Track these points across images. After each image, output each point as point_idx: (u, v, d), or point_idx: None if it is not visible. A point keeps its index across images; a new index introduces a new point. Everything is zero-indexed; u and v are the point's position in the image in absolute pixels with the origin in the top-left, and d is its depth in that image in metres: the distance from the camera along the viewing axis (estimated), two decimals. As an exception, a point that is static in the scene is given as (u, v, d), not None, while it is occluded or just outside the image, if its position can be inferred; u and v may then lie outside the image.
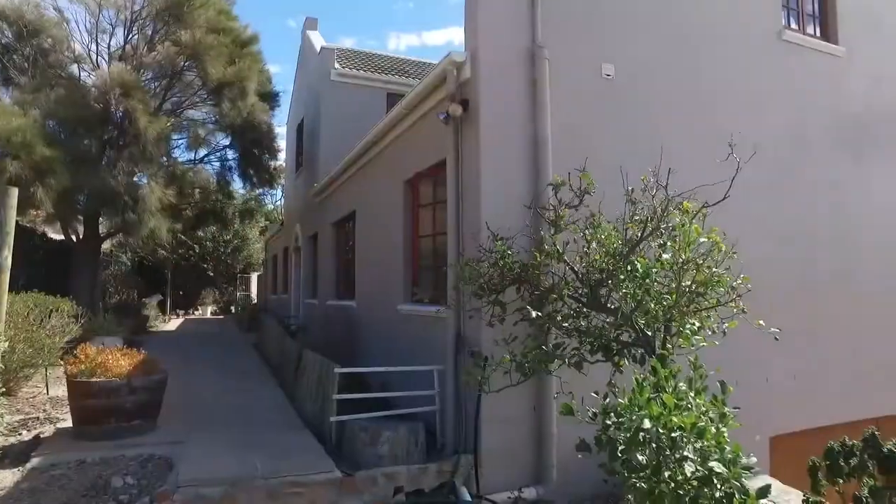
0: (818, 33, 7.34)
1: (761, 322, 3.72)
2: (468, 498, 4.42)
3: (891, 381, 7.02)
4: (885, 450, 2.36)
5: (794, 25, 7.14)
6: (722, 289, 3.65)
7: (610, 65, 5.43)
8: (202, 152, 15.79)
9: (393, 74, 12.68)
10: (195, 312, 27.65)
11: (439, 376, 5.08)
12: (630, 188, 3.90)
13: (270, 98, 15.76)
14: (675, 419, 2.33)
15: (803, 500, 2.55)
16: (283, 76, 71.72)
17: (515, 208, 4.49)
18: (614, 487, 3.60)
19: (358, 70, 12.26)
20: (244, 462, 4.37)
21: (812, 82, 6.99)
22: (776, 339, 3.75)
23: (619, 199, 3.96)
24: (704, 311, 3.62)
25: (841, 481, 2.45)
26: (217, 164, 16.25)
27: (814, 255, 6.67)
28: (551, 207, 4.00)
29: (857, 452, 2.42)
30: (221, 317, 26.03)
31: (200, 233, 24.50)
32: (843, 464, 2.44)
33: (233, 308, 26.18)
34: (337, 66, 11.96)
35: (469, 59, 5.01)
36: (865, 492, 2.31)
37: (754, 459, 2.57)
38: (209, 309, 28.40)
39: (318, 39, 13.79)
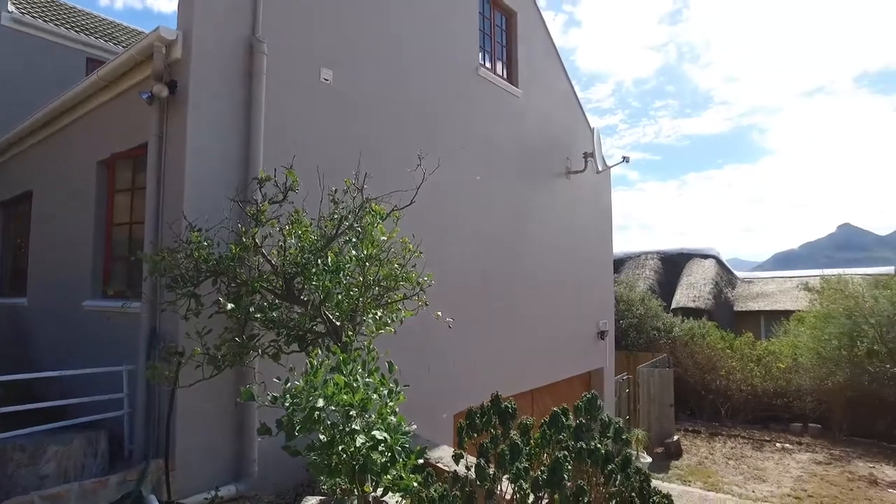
0: (504, 75, 8.88)
1: (439, 313, 4.38)
2: (156, 505, 4.14)
3: (548, 358, 8.89)
4: (503, 406, 3.07)
5: (488, 65, 8.51)
6: (409, 284, 4.19)
7: (329, 70, 5.71)
8: None
9: (98, 37, 10.96)
10: None
11: (129, 377, 4.64)
12: (334, 189, 4.19)
13: None
14: (345, 397, 2.62)
15: (452, 455, 3.13)
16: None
17: (220, 200, 4.39)
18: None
19: (47, 22, 10.26)
20: None
21: (500, 114, 8.44)
22: (450, 327, 4.47)
23: (326, 199, 4.23)
24: (393, 303, 4.10)
25: (476, 435, 3.09)
26: None
27: (500, 259, 8.06)
28: (254, 201, 4.04)
29: (488, 412, 3.10)
30: None
31: None
32: (478, 421, 3.08)
33: None
34: (13, 9, 9.80)
35: (181, 38, 4.70)
36: (488, 440, 2.97)
37: (414, 427, 3.04)
38: None
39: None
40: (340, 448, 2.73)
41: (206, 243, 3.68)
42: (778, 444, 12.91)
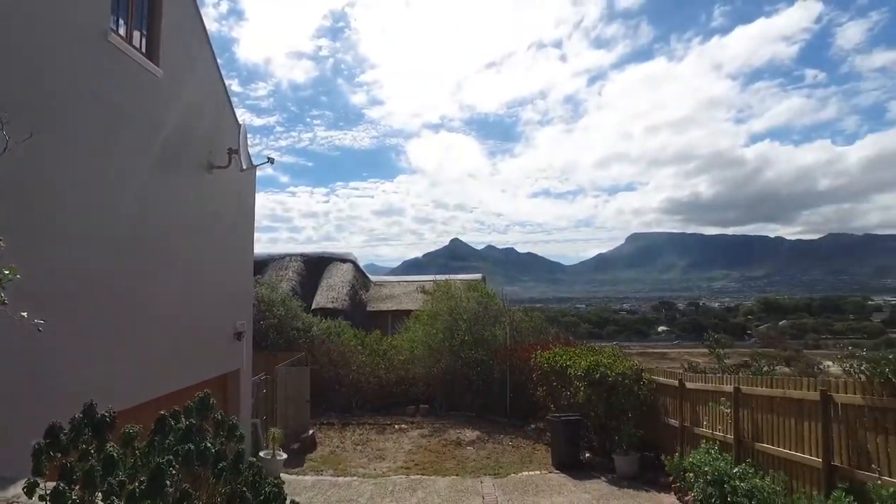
0: (144, 49, 7.88)
1: (24, 314, 3.56)
2: None
3: (179, 362, 8.15)
4: (98, 417, 2.69)
5: (122, 32, 7.39)
6: (-22, 278, 3.29)
7: None
8: None
9: None
10: None
11: None
12: None
13: None
14: None
15: (24, 487, 2.56)
16: None
17: None
18: None
19: None
20: None
21: (135, 92, 7.42)
22: (39, 329, 3.68)
23: None
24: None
25: (60, 455, 2.61)
26: None
27: (126, 256, 7.01)
28: None
29: (79, 425, 2.66)
30: None
31: None
32: (63, 438, 2.62)
33: None
34: None
35: None
36: (76, 458, 2.55)
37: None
38: None
39: None
40: None
41: None
42: (397, 426, 14.89)
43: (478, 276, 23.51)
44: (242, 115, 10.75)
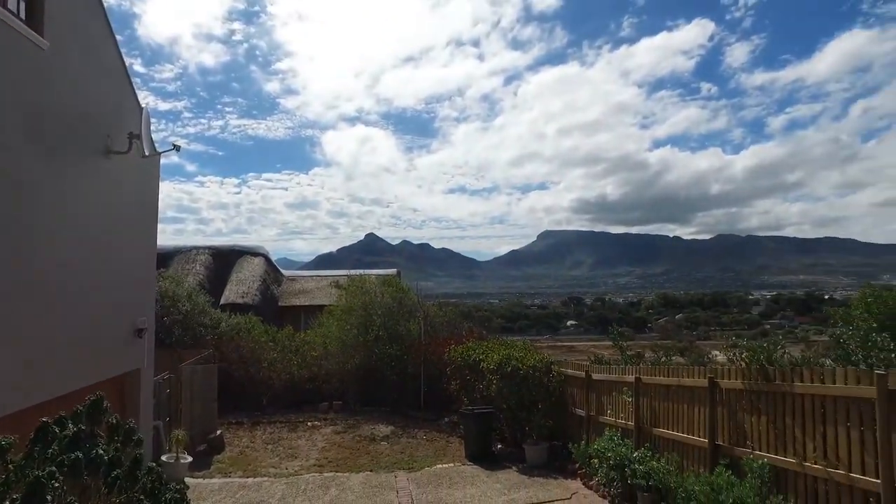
0: (24, 16, 7.12)
1: None
2: None
3: (67, 365, 7.47)
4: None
5: (-3, -4, 6.63)
6: None
7: None
8: None
9: None
10: None
11: None
12: None
13: None
14: None
15: None
16: None
17: None
18: None
19: None
20: None
21: (13, 65, 6.70)
22: None
23: None
24: None
25: None
26: None
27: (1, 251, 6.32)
28: None
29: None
30: None
31: None
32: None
33: None
34: None
35: None
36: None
37: None
38: None
39: None
40: None
41: None
42: (309, 424, 14.55)
43: (393, 271, 23.45)
44: (145, 98, 10.00)
